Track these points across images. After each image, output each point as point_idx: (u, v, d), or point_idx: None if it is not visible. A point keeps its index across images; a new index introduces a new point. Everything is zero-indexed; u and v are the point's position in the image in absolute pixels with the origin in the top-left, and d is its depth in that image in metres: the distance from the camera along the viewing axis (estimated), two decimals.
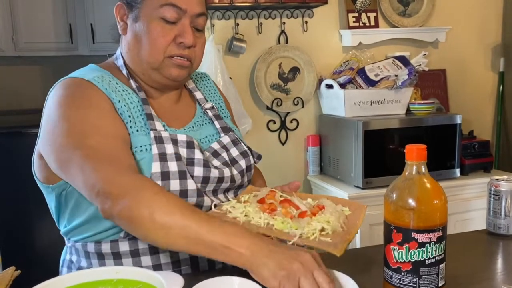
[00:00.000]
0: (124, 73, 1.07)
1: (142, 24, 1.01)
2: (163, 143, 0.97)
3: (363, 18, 2.43)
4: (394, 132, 2.19)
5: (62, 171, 0.93)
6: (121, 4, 1.04)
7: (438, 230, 0.73)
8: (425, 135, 2.23)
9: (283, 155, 2.46)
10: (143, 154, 0.96)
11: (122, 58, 1.08)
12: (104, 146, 0.90)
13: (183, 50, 1.02)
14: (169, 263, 0.98)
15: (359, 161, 2.13)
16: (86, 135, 0.91)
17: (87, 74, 1.01)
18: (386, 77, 2.27)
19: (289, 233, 0.82)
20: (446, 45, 2.61)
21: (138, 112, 1.01)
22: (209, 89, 1.24)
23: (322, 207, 0.93)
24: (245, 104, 2.27)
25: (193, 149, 1.01)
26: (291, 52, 2.37)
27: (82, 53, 3.28)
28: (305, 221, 0.85)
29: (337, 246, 0.77)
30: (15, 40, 3.14)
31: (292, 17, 2.37)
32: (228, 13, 2.26)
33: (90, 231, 0.99)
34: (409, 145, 0.75)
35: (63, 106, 0.95)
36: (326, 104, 2.42)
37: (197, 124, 1.11)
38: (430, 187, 0.74)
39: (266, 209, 0.90)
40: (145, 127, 1.00)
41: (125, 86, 1.04)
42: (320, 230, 0.82)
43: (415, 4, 2.55)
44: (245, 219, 0.87)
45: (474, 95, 2.74)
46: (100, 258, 0.99)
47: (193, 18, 1.02)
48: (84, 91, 0.97)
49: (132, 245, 0.97)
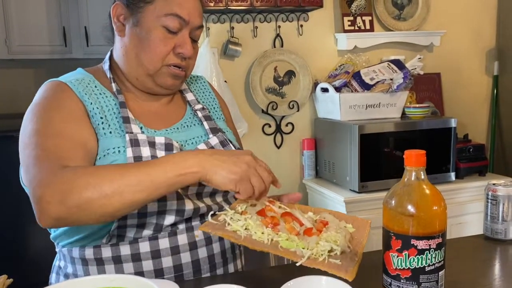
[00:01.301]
0: (107, 76, 1.07)
1: (143, 30, 1.01)
2: (139, 146, 0.97)
3: (358, 22, 2.44)
4: (390, 136, 2.18)
5: (22, 172, 0.94)
6: (119, 3, 1.04)
7: (437, 237, 0.72)
8: (420, 139, 2.23)
9: (278, 159, 2.45)
10: (116, 156, 0.96)
11: (109, 61, 1.09)
12: (57, 147, 0.90)
13: (180, 60, 1.04)
14: (152, 271, 0.96)
15: (354, 165, 2.13)
16: (45, 136, 0.92)
17: (69, 77, 1.04)
18: (382, 80, 2.28)
19: (296, 253, 0.79)
20: (441, 49, 2.62)
21: (113, 115, 1.01)
22: (203, 91, 1.23)
23: (326, 223, 0.90)
24: (240, 108, 2.26)
25: (172, 151, 1.00)
26: (286, 55, 2.36)
27: (76, 56, 3.26)
28: (313, 240, 0.81)
29: (348, 270, 0.74)
30: (8, 43, 3.11)
31: (287, 20, 2.37)
32: (224, 17, 2.26)
33: (75, 235, 0.98)
34: (408, 150, 0.74)
35: (35, 108, 0.98)
36: (321, 107, 2.42)
37: (184, 125, 1.11)
38: (429, 193, 0.73)
39: (269, 223, 0.86)
40: (120, 129, 1.00)
41: (104, 89, 1.05)
42: (329, 251, 0.79)
43: (410, 8, 2.56)
44: (246, 233, 0.83)
45: (468, 99, 2.74)
46: (84, 264, 0.98)
47: (193, 30, 1.04)
48: (57, 94, 0.99)
49: (115, 251, 0.96)
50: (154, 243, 0.96)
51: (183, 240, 0.98)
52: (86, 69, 1.09)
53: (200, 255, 1.00)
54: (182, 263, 0.98)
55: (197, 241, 0.99)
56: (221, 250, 1.03)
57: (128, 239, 0.96)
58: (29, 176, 0.87)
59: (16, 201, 2.53)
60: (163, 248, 0.96)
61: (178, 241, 0.97)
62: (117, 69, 1.08)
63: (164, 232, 0.97)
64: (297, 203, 1.02)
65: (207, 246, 1.01)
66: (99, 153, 0.96)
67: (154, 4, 1.00)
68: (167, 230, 0.97)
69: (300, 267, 0.76)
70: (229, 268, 1.06)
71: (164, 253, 0.96)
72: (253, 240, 0.82)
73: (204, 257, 1.00)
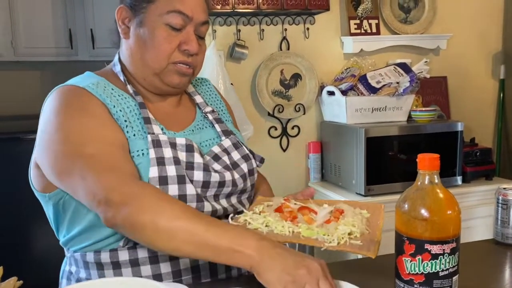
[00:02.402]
0: (121, 78, 1.06)
1: (147, 30, 1.00)
2: (161, 146, 0.96)
3: (364, 25, 2.43)
4: (396, 139, 2.18)
5: (61, 180, 0.91)
6: (123, 7, 1.03)
7: (451, 242, 0.71)
8: (426, 142, 2.23)
9: (284, 162, 2.44)
10: (140, 159, 0.95)
11: (120, 64, 1.07)
12: (104, 154, 0.90)
13: (187, 57, 1.02)
14: (170, 273, 0.96)
15: (360, 168, 2.12)
16: (84, 144, 0.90)
17: (82, 81, 1.01)
18: (388, 84, 2.27)
19: (317, 239, 0.82)
20: (447, 52, 2.61)
21: (135, 116, 1.00)
22: (209, 93, 1.23)
23: (341, 211, 0.92)
24: (246, 111, 2.26)
25: (193, 152, 0.99)
26: (292, 58, 2.36)
27: (82, 58, 3.27)
28: (332, 226, 0.84)
29: (369, 249, 0.78)
30: (15, 45, 3.12)
31: (294, 23, 2.36)
32: (230, 19, 2.26)
33: (89, 240, 0.97)
34: (421, 154, 0.74)
35: (59, 115, 0.94)
36: (327, 110, 2.41)
37: (197, 127, 1.10)
38: (443, 197, 0.73)
39: (288, 217, 0.88)
40: (143, 131, 0.99)
41: (121, 91, 1.03)
42: (349, 234, 0.83)
43: (417, 11, 2.55)
44: (267, 229, 0.85)
45: (475, 103, 2.73)
46: (99, 268, 0.97)
47: (198, 26, 1.03)
48: (79, 99, 0.96)
49: (132, 254, 0.95)
50: None
51: None
52: (96, 72, 1.07)
53: None
54: (200, 264, 0.97)
55: None
56: None
57: None
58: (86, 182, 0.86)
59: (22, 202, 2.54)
60: None
61: None
62: (126, 71, 1.07)
63: None
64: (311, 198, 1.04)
65: None
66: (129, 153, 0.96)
67: (156, 3, 0.99)
68: None
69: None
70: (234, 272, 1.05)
71: None
72: (275, 234, 0.85)
73: None
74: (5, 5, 3.08)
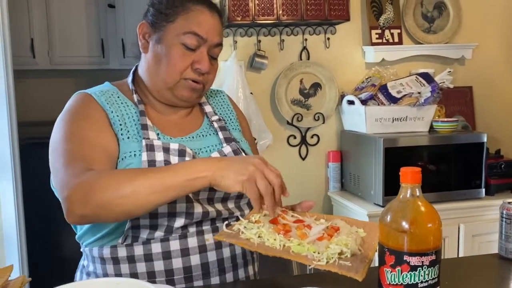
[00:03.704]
0: (130, 88, 1.15)
1: (164, 47, 1.08)
2: (154, 151, 1.03)
3: (386, 35, 2.43)
4: (416, 150, 2.16)
5: (52, 175, 1.02)
6: (145, 23, 1.12)
7: (431, 254, 0.72)
8: (448, 153, 2.19)
9: (303, 171, 2.46)
10: (131, 159, 1.03)
11: (133, 75, 1.17)
12: (82, 152, 0.99)
13: (198, 75, 1.09)
14: (163, 272, 1.01)
15: (379, 179, 2.11)
16: (72, 143, 1.00)
17: (95, 89, 1.13)
18: (409, 94, 2.25)
19: (307, 257, 0.82)
20: (473, 62, 2.56)
21: (132, 122, 1.08)
22: (221, 104, 1.28)
23: (337, 229, 0.92)
24: (265, 119, 2.29)
25: (184, 157, 1.05)
26: (312, 68, 2.38)
27: (113, 67, 3.41)
28: (323, 244, 0.84)
29: (358, 271, 0.77)
30: (51, 54, 3.29)
31: (314, 33, 2.39)
32: (251, 30, 2.31)
33: (95, 236, 1.05)
34: (404, 167, 0.75)
35: (63, 118, 1.06)
36: (347, 120, 2.42)
37: (200, 134, 1.16)
38: (424, 210, 0.74)
39: (281, 230, 0.89)
40: (138, 135, 1.07)
41: (126, 99, 1.13)
42: (339, 254, 0.82)
43: (441, 20, 2.52)
44: (259, 240, 0.87)
45: (502, 113, 2.66)
46: (103, 262, 1.04)
47: (211, 47, 1.10)
48: (83, 105, 1.08)
49: (129, 251, 1.01)
50: (165, 245, 1.01)
51: (193, 242, 1.02)
52: (112, 83, 1.18)
53: (210, 258, 1.03)
54: (192, 265, 1.02)
55: (207, 244, 1.03)
56: (231, 255, 1.07)
57: (141, 239, 1.01)
58: (57, 179, 0.97)
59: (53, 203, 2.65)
60: (173, 250, 1.01)
61: (188, 244, 1.02)
62: (141, 83, 1.16)
63: (175, 234, 1.02)
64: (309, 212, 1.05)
65: (217, 250, 1.05)
66: (119, 156, 1.04)
67: (175, 23, 1.08)
68: (178, 232, 1.02)
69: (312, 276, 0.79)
70: (239, 274, 1.09)
71: (175, 254, 1.01)
72: (265, 246, 0.85)
73: (213, 260, 1.04)
74: (43, 17, 3.25)
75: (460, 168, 2.22)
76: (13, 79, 2.24)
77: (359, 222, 0.99)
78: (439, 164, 2.22)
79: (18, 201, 2.30)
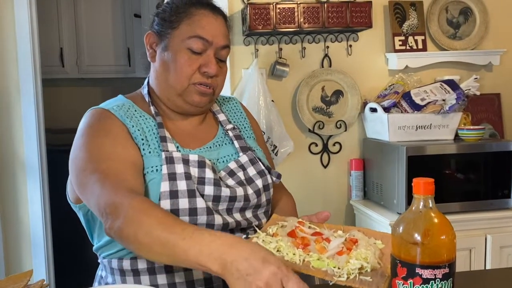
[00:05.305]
0: (146, 100, 1.15)
1: (171, 53, 1.08)
2: (174, 163, 1.03)
3: (410, 42, 2.39)
4: (439, 158, 2.11)
5: (80, 194, 1.01)
6: (151, 33, 1.13)
7: (444, 267, 0.70)
8: (474, 162, 2.14)
9: (325, 179, 2.44)
10: (154, 175, 1.02)
11: (148, 86, 1.16)
12: (113, 169, 0.98)
13: (206, 79, 1.09)
14: (184, 283, 1.01)
15: (402, 187, 2.08)
16: (99, 161, 0.99)
17: (110, 104, 1.11)
18: (433, 101, 2.21)
19: (327, 272, 0.82)
20: (501, 68, 2.50)
21: (152, 136, 1.08)
22: (234, 111, 1.28)
23: (355, 241, 0.91)
24: (287, 127, 2.29)
25: (204, 168, 1.05)
26: (334, 75, 2.37)
27: (138, 75, 3.47)
28: (343, 259, 0.84)
29: (379, 286, 0.77)
30: (79, 63, 3.38)
31: (336, 41, 2.38)
32: (272, 38, 2.31)
33: (114, 248, 1.06)
34: (416, 178, 0.73)
35: (84, 135, 1.05)
36: (370, 127, 2.39)
37: (216, 144, 1.15)
38: (437, 222, 0.72)
39: (299, 244, 0.89)
40: (158, 149, 1.06)
41: (143, 112, 1.11)
42: (359, 268, 0.82)
43: (467, 26, 2.47)
44: (278, 254, 0.86)
45: None
46: (122, 274, 1.05)
47: (218, 50, 1.09)
48: (102, 121, 1.06)
49: (149, 263, 1.02)
50: None
51: None
52: (125, 96, 1.17)
53: None
54: (213, 276, 1.01)
55: None
56: None
57: None
58: (94, 195, 0.95)
59: None
60: None
61: None
62: (153, 93, 1.16)
63: None
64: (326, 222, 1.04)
65: None
66: (143, 170, 1.03)
67: (179, 29, 1.08)
68: None
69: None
70: None
71: None
72: (285, 261, 0.85)
73: None
74: (72, 27, 3.35)
75: (487, 177, 2.16)
76: (42, 87, 2.32)
77: (377, 233, 0.98)
78: (465, 173, 2.16)
79: (45, 207, 2.37)
